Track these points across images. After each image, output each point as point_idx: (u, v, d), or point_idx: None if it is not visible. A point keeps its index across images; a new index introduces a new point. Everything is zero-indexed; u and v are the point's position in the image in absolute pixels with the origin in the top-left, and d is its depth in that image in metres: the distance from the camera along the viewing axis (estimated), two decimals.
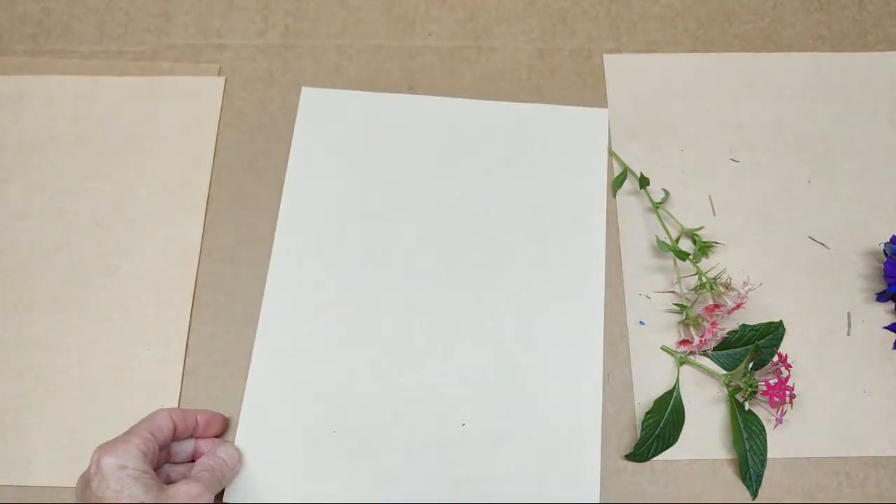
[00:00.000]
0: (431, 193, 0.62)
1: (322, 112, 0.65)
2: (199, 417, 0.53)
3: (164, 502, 0.45)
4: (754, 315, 0.59)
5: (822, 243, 0.62)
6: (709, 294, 0.58)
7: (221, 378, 0.58)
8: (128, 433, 0.49)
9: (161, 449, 0.50)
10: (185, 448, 0.53)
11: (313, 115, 0.65)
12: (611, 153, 0.65)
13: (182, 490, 0.47)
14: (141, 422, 0.50)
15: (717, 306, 0.57)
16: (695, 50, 0.69)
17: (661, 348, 0.59)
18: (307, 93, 0.66)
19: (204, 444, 0.53)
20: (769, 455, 0.55)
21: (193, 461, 0.53)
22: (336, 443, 0.55)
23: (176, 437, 0.52)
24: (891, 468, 0.55)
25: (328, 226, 0.61)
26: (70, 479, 0.54)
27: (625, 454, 0.55)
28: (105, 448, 0.46)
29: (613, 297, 0.60)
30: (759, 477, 0.54)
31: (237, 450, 0.54)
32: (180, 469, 0.52)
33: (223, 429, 0.55)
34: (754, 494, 0.54)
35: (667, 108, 0.67)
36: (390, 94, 0.66)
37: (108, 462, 0.46)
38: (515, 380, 0.56)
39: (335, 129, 0.64)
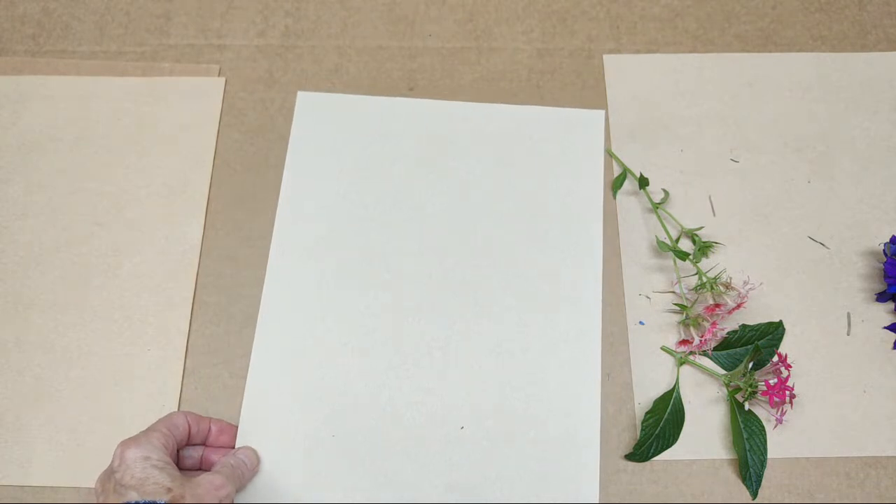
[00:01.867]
0: (428, 196, 0.62)
1: (318, 116, 0.65)
2: (212, 425, 0.54)
3: (189, 490, 0.46)
4: (754, 315, 0.59)
5: (822, 243, 0.62)
6: (709, 294, 0.58)
7: (221, 378, 0.58)
8: (147, 429, 0.49)
9: (177, 448, 0.51)
10: (192, 454, 0.53)
11: (310, 119, 0.65)
12: (610, 154, 0.65)
13: (206, 479, 0.47)
14: (158, 420, 0.51)
15: (717, 306, 0.57)
16: (695, 50, 0.69)
17: (661, 348, 0.59)
18: (303, 97, 0.66)
19: (213, 453, 0.53)
20: (769, 455, 0.55)
21: (201, 469, 0.53)
22: (335, 446, 0.55)
23: (189, 441, 0.52)
24: (891, 468, 0.55)
25: (325, 230, 0.61)
26: (70, 480, 0.54)
27: (625, 454, 0.55)
28: (127, 442, 0.47)
29: (613, 297, 0.60)
30: (759, 477, 0.54)
31: (255, 453, 0.54)
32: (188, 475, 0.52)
33: (234, 441, 0.54)
34: (754, 494, 0.54)
35: (667, 108, 0.67)
36: (386, 97, 0.66)
37: (132, 454, 0.46)
38: (514, 381, 0.56)
39: (332, 132, 0.64)
